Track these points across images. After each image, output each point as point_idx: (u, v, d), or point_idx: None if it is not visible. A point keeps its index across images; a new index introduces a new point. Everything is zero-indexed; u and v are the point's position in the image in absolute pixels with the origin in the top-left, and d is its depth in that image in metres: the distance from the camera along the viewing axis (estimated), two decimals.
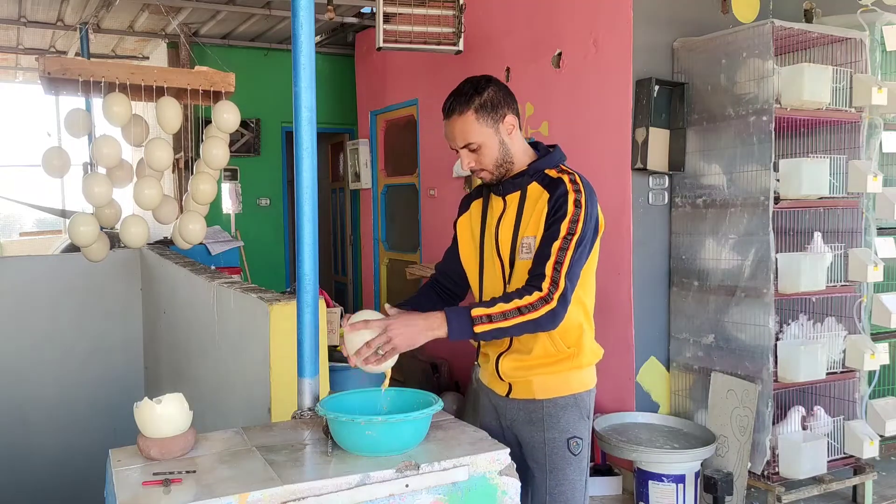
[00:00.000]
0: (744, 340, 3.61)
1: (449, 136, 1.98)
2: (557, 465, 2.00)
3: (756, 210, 3.53)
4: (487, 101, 1.92)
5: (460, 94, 1.93)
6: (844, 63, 3.67)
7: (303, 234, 1.94)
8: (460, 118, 1.93)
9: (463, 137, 1.94)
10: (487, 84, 1.94)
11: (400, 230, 6.74)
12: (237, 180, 6.64)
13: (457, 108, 1.93)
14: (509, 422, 2.07)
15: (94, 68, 3.52)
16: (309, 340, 1.94)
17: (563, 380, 2.00)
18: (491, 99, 1.93)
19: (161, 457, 1.57)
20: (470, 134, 1.93)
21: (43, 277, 5.20)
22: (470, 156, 1.97)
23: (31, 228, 14.26)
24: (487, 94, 1.93)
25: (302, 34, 1.89)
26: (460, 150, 1.97)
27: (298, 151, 1.92)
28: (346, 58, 7.54)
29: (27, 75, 9.21)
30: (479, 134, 1.93)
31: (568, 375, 2.01)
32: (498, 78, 2.00)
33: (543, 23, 4.50)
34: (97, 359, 5.25)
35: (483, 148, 1.94)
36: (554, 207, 1.89)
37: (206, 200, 3.88)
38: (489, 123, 1.93)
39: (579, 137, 4.21)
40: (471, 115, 1.92)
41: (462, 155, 1.98)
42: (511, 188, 1.99)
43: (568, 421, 2.00)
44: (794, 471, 3.46)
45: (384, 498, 1.50)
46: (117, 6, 6.17)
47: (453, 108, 1.94)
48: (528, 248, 1.94)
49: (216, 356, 3.20)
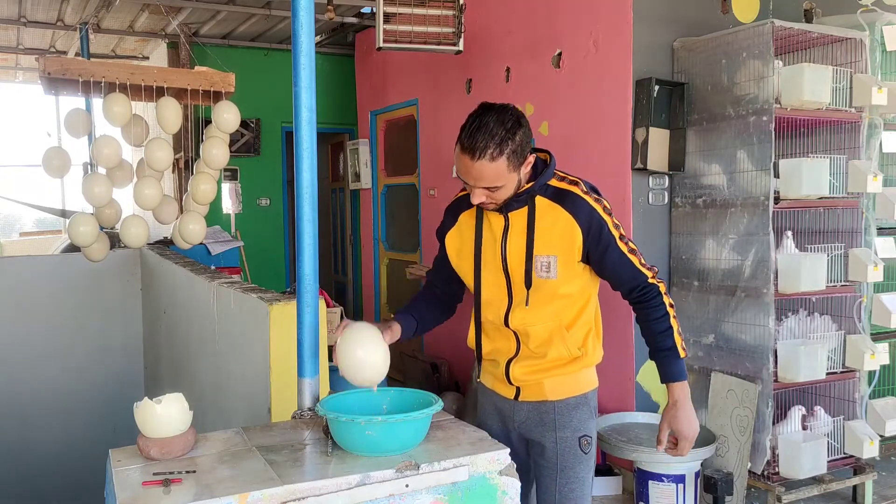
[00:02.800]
0: (744, 340, 3.61)
1: (471, 175, 1.83)
2: (569, 464, 2.02)
3: (756, 210, 3.53)
4: (518, 146, 1.82)
5: (492, 136, 1.78)
6: (844, 63, 3.67)
7: (303, 234, 1.94)
8: (492, 164, 1.79)
9: (489, 181, 1.83)
10: (518, 127, 1.82)
11: (400, 230, 6.73)
12: (237, 180, 6.64)
13: (488, 151, 1.78)
14: (517, 424, 2.08)
15: (94, 68, 3.52)
16: (309, 340, 1.94)
17: (573, 380, 2.03)
18: (521, 142, 1.83)
19: (161, 457, 1.57)
20: (498, 179, 1.83)
21: (43, 277, 5.20)
22: (485, 193, 1.87)
23: (31, 228, 14.27)
24: (519, 138, 1.82)
25: (302, 34, 1.89)
26: (476, 188, 1.86)
27: (298, 151, 1.92)
28: (346, 58, 7.54)
29: (27, 75, 9.21)
30: (506, 178, 1.84)
31: (578, 376, 2.03)
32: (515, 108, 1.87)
33: (543, 23, 4.50)
34: (97, 359, 5.24)
35: (504, 188, 1.86)
36: (592, 230, 1.90)
37: (206, 200, 3.88)
38: (515, 168, 1.84)
39: (579, 137, 4.21)
40: (503, 161, 1.80)
41: (476, 192, 1.87)
42: (515, 205, 1.94)
43: (579, 420, 2.03)
44: (794, 471, 3.46)
45: (384, 498, 1.50)
46: (117, 6, 6.17)
47: (484, 150, 1.78)
48: (546, 267, 1.92)
49: (216, 356, 3.20)
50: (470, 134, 1.80)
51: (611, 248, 1.93)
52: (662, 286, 2.00)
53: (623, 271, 1.97)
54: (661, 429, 2.00)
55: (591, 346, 2.03)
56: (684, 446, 1.98)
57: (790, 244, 3.54)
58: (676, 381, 1.98)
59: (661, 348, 1.98)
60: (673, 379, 1.98)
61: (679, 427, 1.97)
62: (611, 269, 1.96)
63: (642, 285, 1.98)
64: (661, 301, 1.98)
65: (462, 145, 1.81)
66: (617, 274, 1.97)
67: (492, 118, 1.80)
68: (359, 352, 1.76)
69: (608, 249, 1.92)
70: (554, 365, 2.00)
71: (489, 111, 1.82)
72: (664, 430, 2.00)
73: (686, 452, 2.00)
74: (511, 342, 2.02)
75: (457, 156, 1.85)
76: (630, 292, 2.00)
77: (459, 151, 1.83)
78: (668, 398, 1.99)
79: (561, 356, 1.99)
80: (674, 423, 1.98)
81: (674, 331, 1.97)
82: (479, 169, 1.81)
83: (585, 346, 2.01)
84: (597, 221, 1.91)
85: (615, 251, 1.93)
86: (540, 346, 1.98)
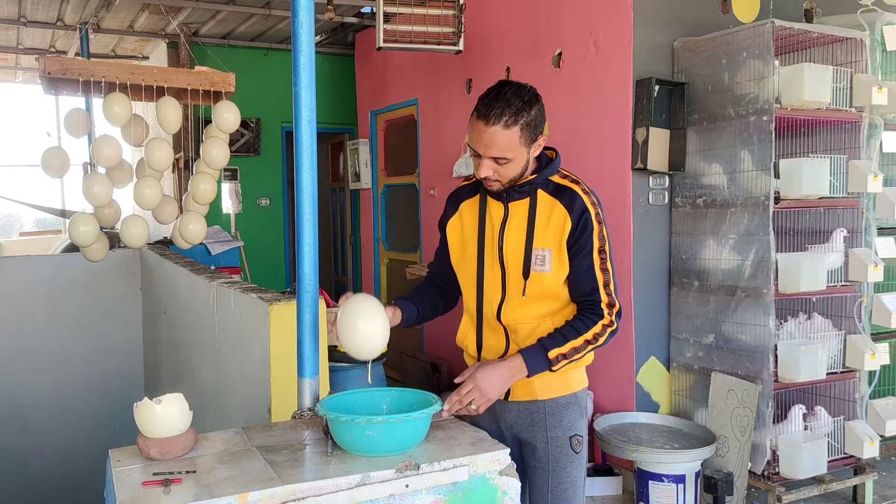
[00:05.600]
0: (744, 340, 3.61)
1: (483, 142, 1.83)
2: (560, 464, 2.02)
3: (756, 210, 3.53)
4: (533, 120, 1.84)
5: (508, 104, 1.80)
6: (844, 63, 3.67)
7: (303, 234, 1.94)
8: (505, 131, 1.81)
9: (499, 150, 1.83)
10: (535, 100, 1.85)
11: (400, 230, 6.74)
12: (237, 180, 6.65)
13: (503, 118, 1.80)
14: (509, 424, 2.07)
15: (94, 68, 3.52)
16: (309, 340, 1.94)
17: (563, 379, 2.01)
18: (536, 118, 1.85)
19: (161, 457, 1.57)
20: (508, 149, 1.83)
21: (43, 277, 5.20)
22: (493, 166, 1.86)
23: (31, 228, 14.27)
24: (535, 112, 1.84)
25: (302, 34, 1.89)
26: (484, 159, 1.86)
27: (298, 151, 1.92)
28: (346, 58, 7.54)
29: (27, 75, 9.21)
30: (516, 151, 1.84)
31: (568, 374, 2.02)
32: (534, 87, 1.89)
33: (543, 22, 4.50)
34: (97, 359, 5.25)
35: (511, 163, 1.86)
36: (580, 226, 1.89)
37: (206, 200, 3.88)
38: (527, 142, 1.85)
39: (579, 137, 4.21)
40: (516, 131, 1.81)
41: (484, 163, 1.86)
42: (516, 195, 1.95)
43: (570, 419, 2.02)
44: (795, 471, 3.46)
45: (384, 498, 1.49)
46: (117, 6, 6.17)
47: (499, 117, 1.80)
48: (541, 260, 1.93)
49: (216, 356, 3.20)
50: (488, 102, 1.83)
51: (585, 252, 1.90)
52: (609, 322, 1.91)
53: (584, 281, 1.92)
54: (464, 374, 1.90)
55: None
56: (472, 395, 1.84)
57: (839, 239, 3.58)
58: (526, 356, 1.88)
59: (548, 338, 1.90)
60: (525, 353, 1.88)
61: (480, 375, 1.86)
62: (574, 273, 1.92)
63: (592, 303, 1.92)
64: (594, 322, 1.90)
65: (478, 112, 1.83)
66: (577, 280, 1.92)
67: (510, 90, 1.84)
68: (360, 323, 1.78)
69: (582, 253, 1.90)
70: None
71: (508, 84, 1.86)
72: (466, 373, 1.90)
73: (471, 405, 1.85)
74: (501, 338, 2.02)
75: (471, 124, 1.87)
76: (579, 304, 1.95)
77: (475, 119, 1.84)
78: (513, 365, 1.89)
79: None
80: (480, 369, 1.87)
81: (571, 345, 1.88)
82: (491, 135, 1.82)
83: None
84: (586, 220, 1.90)
85: (587, 259, 1.91)
86: None
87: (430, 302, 2.15)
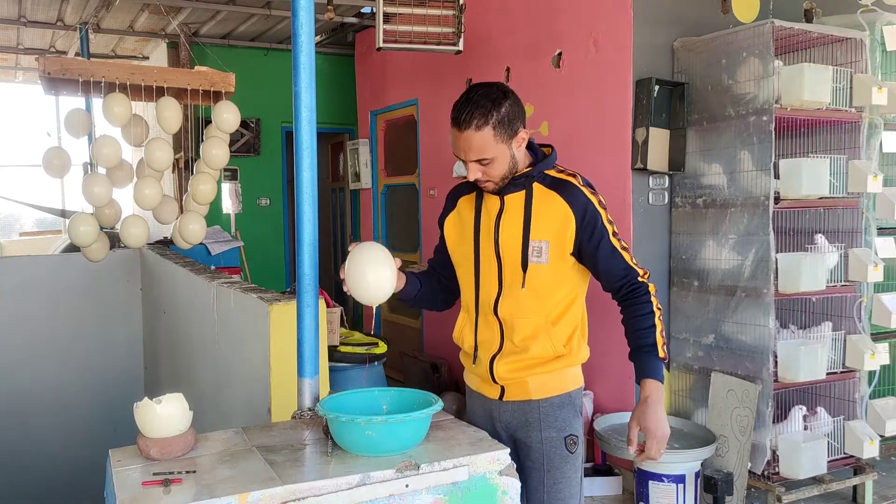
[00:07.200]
0: (744, 340, 3.60)
1: (460, 147, 1.90)
2: (555, 464, 2.01)
3: (756, 210, 3.53)
4: (505, 117, 1.87)
5: (477, 107, 1.85)
6: (844, 63, 3.67)
7: (303, 234, 1.94)
8: (477, 133, 1.86)
9: (478, 152, 1.88)
10: (504, 98, 1.88)
11: (400, 230, 6.73)
12: (237, 180, 6.64)
13: (473, 121, 1.85)
14: (504, 424, 2.07)
15: (94, 68, 3.52)
16: (309, 340, 1.94)
17: (558, 378, 2.01)
18: (508, 114, 1.87)
19: (161, 457, 1.57)
20: (486, 150, 1.87)
21: (43, 277, 5.20)
22: (479, 168, 1.91)
23: (31, 228, 14.28)
24: (505, 110, 1.87)
25: (302, 34, 1.89)
26: (469, 163, 1.91)
27: (298, 151, 1.92)
28: (346, 58, 7.54)
29: (27, 75, 9.21)
30: (494, 150, 1.88)
31: (563, 374, 2.02)
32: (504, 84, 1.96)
33: (543, 23, 4.50)
34: (97, 359, 5.24)
35: (495, 162, 1.90)
36: (587, 219, 1.92)
37: (206, 200, 3.88)
38: (504, 139, 1.88)
39: (579, 137, 4.21)
40: (489, 131, 1.85)
41: (470, 167, 1.92)
42: (512, 189, 1.97)
43: (564, 419, 2.02)
44: (795, 471, 3.46)
45: (384, 498, 1.49)
46: (117, 6, 6.17)
47: (469, 121, 1.85)
48: (538, 251, 1.94)
49: (216, 356, 3.20)
50: (458, 108, 1.89)
51: (604, 241, 1.93)
52: (653, 288, 1.98)
53: (615, 266, 1.96)
54: (631, 427, 1.91)
55: (575, 345, 2.01)
56: (652, 446, 1.87)
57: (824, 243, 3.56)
58: (652, 378, 1.90)
59: (642, 345, 1.94)
60: (649, 375, 1.91)
61: (648, 425, 1.87)
62: (603, 263, 1.95)
63: (632, 282, 1.97)
64: (649, 300, 1.96)
65: (452, 119, 1.90)
66: (609, 268, 1.96)
67: (478, 93, 1.89)
68: (368, 272, 1.81)
69: (601, 242, 1.93)
70: (537, 362, 1.99)
71: (476, 87, 1.92)
72: (633, 429, 1.90)
73: (656, 454, 1.88)
74: (496, 334, 2.01)
75: (450, 132, 1.93)
76: (619, 289, 1.98)
77: (451, 126, 1.91)
78: (641, 394, 1.92)
79: (545, 353, 1.98)
80: (643, 419, 1.88)
81: (657, 330, 1.93)
82: (466, 139, 1.88)
83: (570, 343, 2.00)
84: (591, 212, 1.92)
85: (608, 245, 1.94)
86: (524, 341, 1.97)
87: (431, 288, 2.16)
